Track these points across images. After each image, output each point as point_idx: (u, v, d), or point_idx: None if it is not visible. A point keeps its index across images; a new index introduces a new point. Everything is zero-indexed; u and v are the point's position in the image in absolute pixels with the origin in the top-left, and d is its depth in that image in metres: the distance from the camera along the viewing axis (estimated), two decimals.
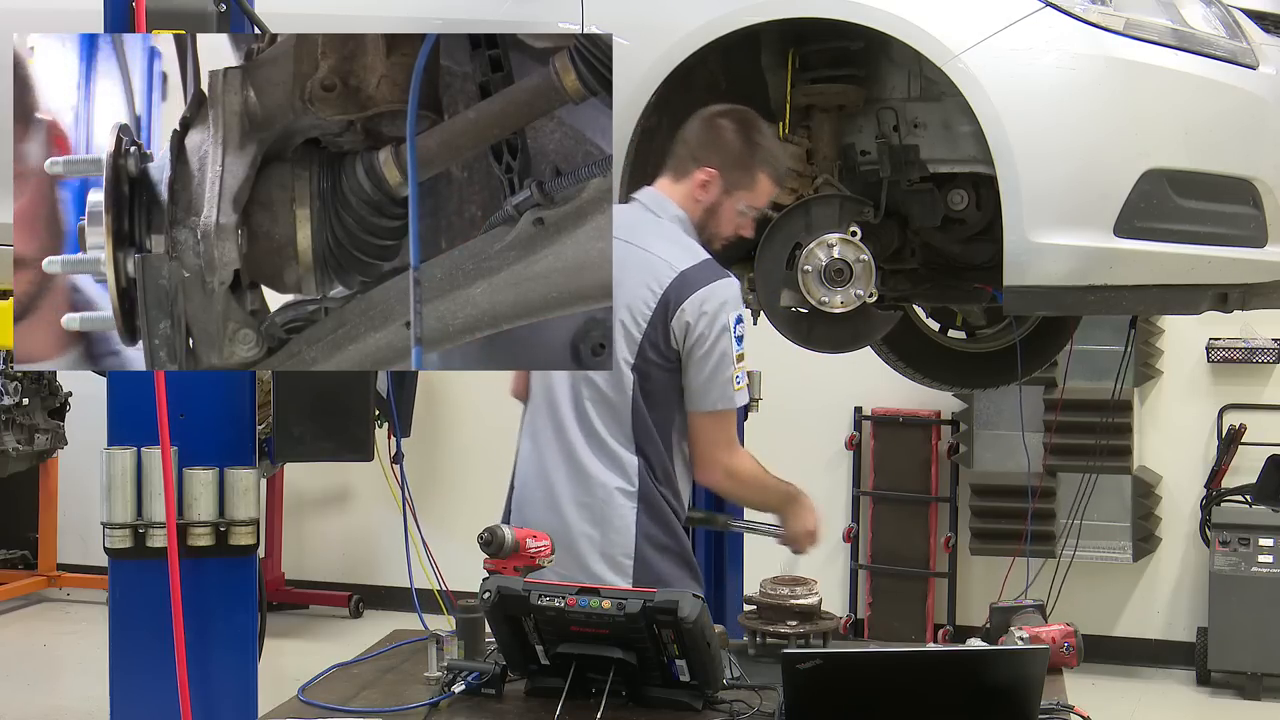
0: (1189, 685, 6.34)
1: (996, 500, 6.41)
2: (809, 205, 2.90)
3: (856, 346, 2.95)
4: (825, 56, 2.95)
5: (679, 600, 2.81)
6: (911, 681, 2.79)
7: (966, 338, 4.17)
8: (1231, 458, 6.40)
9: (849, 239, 2.84)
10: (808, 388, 6.70)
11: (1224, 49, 2.79)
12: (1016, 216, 2.65)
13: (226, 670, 2.66)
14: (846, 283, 2.85)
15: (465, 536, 3.69)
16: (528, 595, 2.92)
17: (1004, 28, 2.68)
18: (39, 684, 6.42)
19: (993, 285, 3.01)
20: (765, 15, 2.80)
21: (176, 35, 2.56)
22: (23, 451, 6.99)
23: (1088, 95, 2.67)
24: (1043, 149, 2.67)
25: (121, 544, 2.60)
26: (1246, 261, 2.83)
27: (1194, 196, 2.74)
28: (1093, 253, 2.67)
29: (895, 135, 3.00)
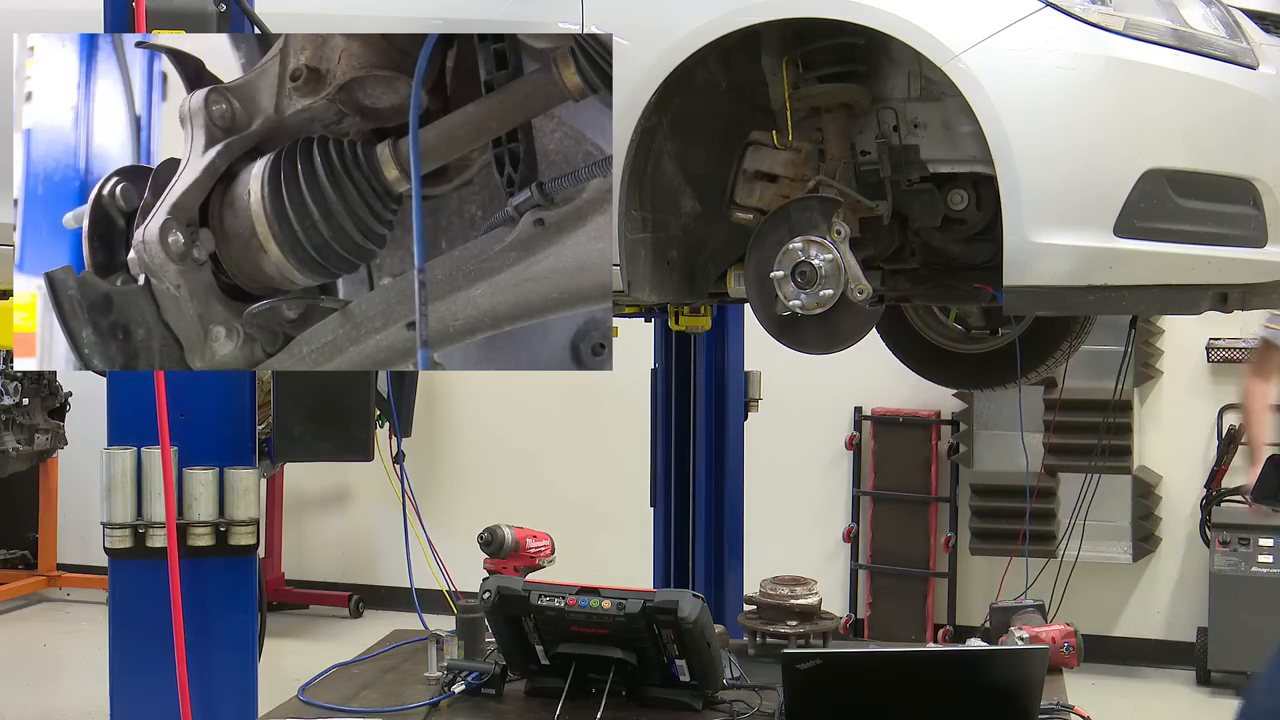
0: (1189, 685, 6.34)
1: (996, 500, 6.42)
2: (789, 209, 2.91)
3: (843, 346, 2.95)
4: (829, 55, 2.95)
5: (679, 600, 2.82)
6: (911, 681, 2.79)
7: (964, 336, 4.18)
8: (1231, 458, 6.39)
9: (815, 240, 2.84)
10: (808, 388, 6.70)
11: (1224, 49, 2.79)
12: (1016, 216, 2.65)
13: (226, 670, 2.66)
14: (813, 284, 2.85)
15: (465, 536, 3.69)
16: (528, 595, 2.92)
17: (1004, 28, 2.68)
18: (39, 684, 6.42)
19: (993, 285, 3.01)
20: (765, 15, 2.80)
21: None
22: (23, 451, 6.99)
23: (1088, 95, 2.67)
24: (1043, 149, 2.67)
25: (121, 544, 2.60)
26: (1246, 261, 2.83)
27: (1194, 196, 2.74)
28: (1093, 253, 2.66)
29: (895, 135, 3.00)
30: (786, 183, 2.98)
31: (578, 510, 6.91)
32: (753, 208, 2.99)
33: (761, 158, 2.99)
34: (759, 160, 2.99)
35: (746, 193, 3.00)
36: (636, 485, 5.05)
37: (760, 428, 5.10)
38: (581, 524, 6.25)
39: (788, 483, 6.91)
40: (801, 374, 5.72)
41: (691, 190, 3.12)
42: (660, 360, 4.84)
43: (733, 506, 4.87)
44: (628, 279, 2.93)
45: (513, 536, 3.45)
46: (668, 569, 4.75)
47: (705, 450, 4.78)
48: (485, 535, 3.44)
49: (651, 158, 2.98)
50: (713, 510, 4.80)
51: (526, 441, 7.41)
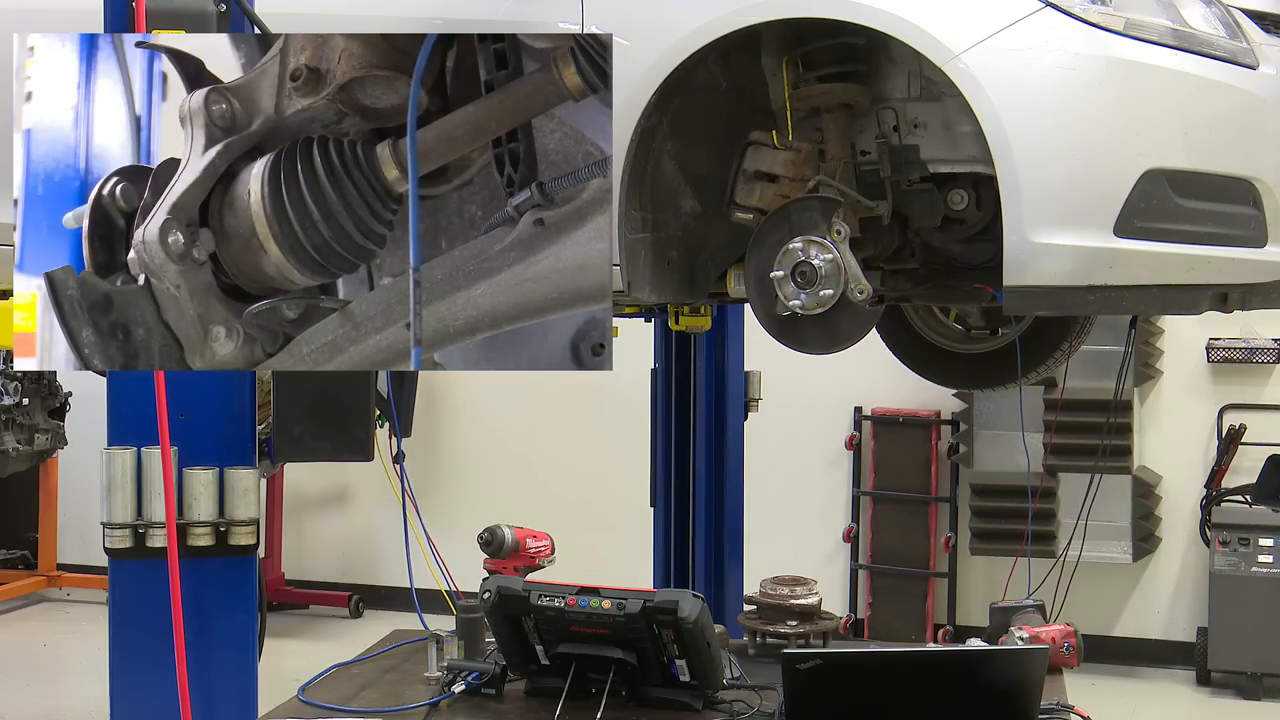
0: (1189, 685, 6.34)
1: (996, 500, 6.42)
2: (789, 209, 2.91)
3: (843, 346, 2.95)
4: (829, 55, 2.95)
5: (679, 600, 2.82)
6: (911, 681, 2.79)
7: (964, 336, 4.18)
8: (1231, 458, 6.40)
9: (815, 240, 2.84)
10: (808, 388, 6.71)
11: (1224, 49, 2.79)
12: (1016, 216, 2.65)
13: (226, 670, 2.66)
14: (813, 284, 2.85)
15: (465, 536, 3.69)
16: (528, 595, 2.92)
17: (1004, 28, 2.68)
18: (39, 684, 6.42)
19: (993, 285, 3.01)
20: (765, 15, 2.80)
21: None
22: (23, 451, 6.99)
23: (1088, 95, 2.67)
24: (1043, 149, 2.67)
25: (121, 544, 2.60)
26: (1246, 261, 2.83)
27: (1194, 196, 2.74)
28: (1093, 253, 2.66)
29: (895, 135, 3.00)
30: (786, 183, 2.98)
31: (578, 510, 6.92)
32: (753, 208, 2.99)
33: (761, 158, 2.99)
34: (759, 160, 2.99)
35: (746, 193, 3.00)
36: (636, 485, 5.05)
37: (760, 428, 5.10)
38: (581, 524, 6.25)
39: (788, 483, 6.91)
40: (801, 374, 5.72)
41: (691, 190, 3.12)
42: (660, 360, 4.84)
43: (733, 506, 4.87)
44: (628, 279, 2.93)
45: (513, 536, 3.45)
46: (668, 569, 4.75)
47: (705, 450, 4.78)
48: (485, 535, 3.44)
49: (651, 158, 2.99)
50: (713, 510, 4.80)
51: (526, 441, 7.41)
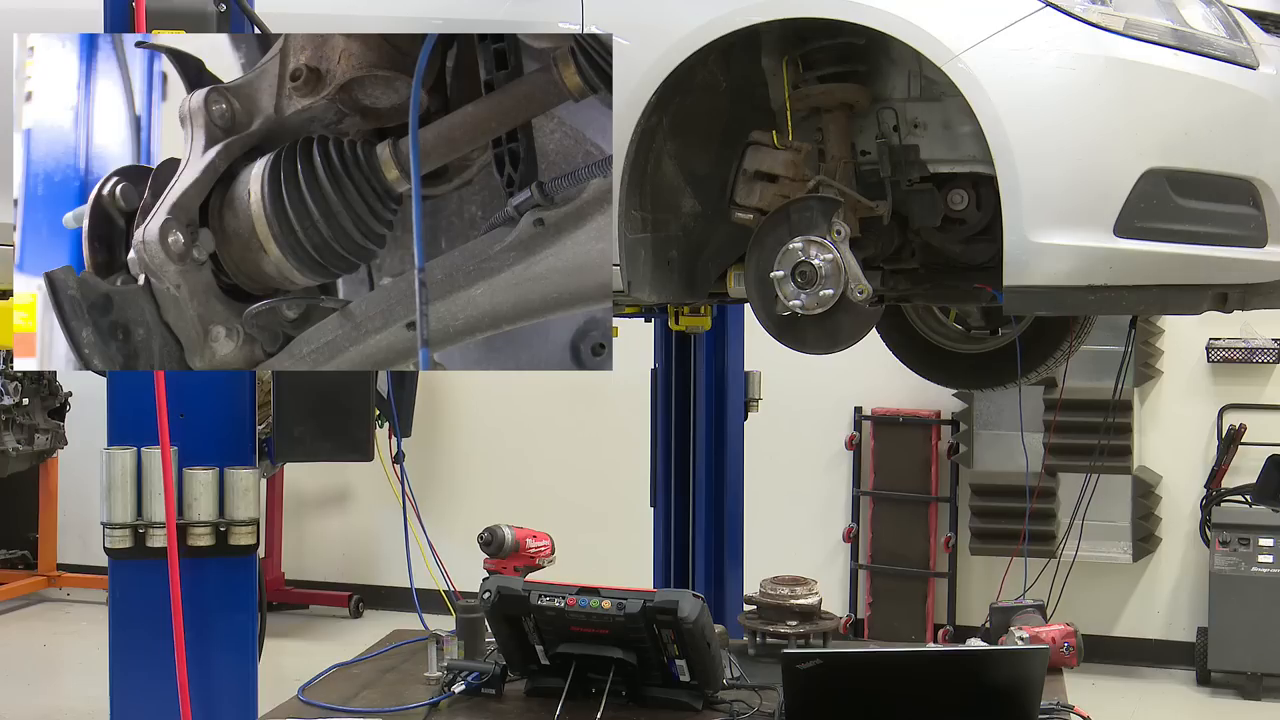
0: (1189, 685, 6.35)
1: (996, 500, 6.42)
2: (789, 209, 2.91)
3: (844, 346, 2.95)
4: (829, 55, 2.95)
5: (679, 600, 2.82)
6: (911, 681, 2.79)
7: (964, 336, 4.18)
8: (1231, 458, 6.40)
9: (815, 240, 2.84)
10: (808, 388, 6.71)
11: (1224, 49, 2.79)
12: (1016, 216, 2.65)
13: (226, 670, 2.66)
14: (813, 284, 2.85)
15: (465, 536, 3.69)
16: (528, 595, 2.92)
17: (1004, 28, 2.68)
18: (39, 684, 6.41)
19: (993, 285, 3.01)
20: (765, 15, 2.80)
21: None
22: (23, 451, 6.99)
23: (1088, 95, 2.67)
24: (1043, 149, 2.67)
25: (121, 544, 2.60)
26: (1246, 261, 2.83)
27: (1194, 196, 2.74)
28: (1093, 252, 2.66)
29: (895, 135, 3.00)
30: (786, 183, 2.98)
31: (577, 510, 6.92)
32: (753, 208, 2.99)
33: (761, 158, 2.99)
34: (759, 160, 2.99)
35: (746, 193, 3.00)
36: (636, 485, 5.05)
37: (760, 428, 5.10)
38: (581, 524, 6.25)
39: (788, 483, 6.91)
40: (801, 374, 5.72)
41: (691, 190, 3.12)
42: (660, 360, 4.84)
43: (733, 506, 4.87)
44: (628, 279, 2.93)
45: (513, 536, 3.44)
46: (668, 569, 4.75)
47: (705, 450, 4.78)
48: (485, 535, 3.44)
49: (651, 158, 2.99)
50: (713, 510, 4.80)
51: (526, 441, 7.41)
